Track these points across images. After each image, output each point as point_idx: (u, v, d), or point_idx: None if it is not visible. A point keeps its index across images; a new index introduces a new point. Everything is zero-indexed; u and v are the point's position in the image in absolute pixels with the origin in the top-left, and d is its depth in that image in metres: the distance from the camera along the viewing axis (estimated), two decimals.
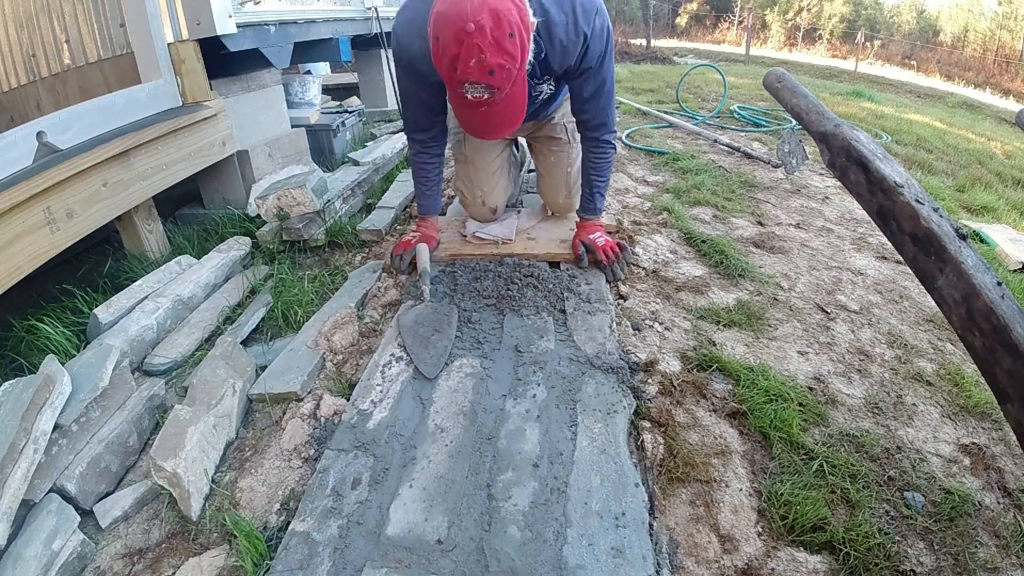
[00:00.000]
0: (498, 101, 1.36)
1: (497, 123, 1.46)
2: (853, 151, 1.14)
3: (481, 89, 1.32)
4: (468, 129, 1.54)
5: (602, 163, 1.90)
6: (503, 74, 1.29)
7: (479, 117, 1.43)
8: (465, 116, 1.46)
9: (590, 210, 1.97)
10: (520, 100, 1.44)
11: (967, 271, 0.89)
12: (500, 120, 1.45)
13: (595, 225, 1.98)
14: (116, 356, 1.40)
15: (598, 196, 1.97)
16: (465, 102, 1.36)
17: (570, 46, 1.56)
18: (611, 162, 1.93)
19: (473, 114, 1.42)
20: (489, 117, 1.42)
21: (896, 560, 1.05)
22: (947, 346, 1.73)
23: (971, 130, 5.99)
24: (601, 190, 1.97)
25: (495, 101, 1.35)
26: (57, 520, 1.07)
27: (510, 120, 1.46)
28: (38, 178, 1.57)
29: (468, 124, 1.50)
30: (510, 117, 1.46)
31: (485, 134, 1.56)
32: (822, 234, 2.46)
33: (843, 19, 20.57)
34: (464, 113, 1.44)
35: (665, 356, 1.56)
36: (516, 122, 1.49)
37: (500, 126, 1.48)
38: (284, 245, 2.21)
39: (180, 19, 2.16)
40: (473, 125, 1.49)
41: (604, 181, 1.96)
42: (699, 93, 5.74)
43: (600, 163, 1.90)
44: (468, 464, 1.17)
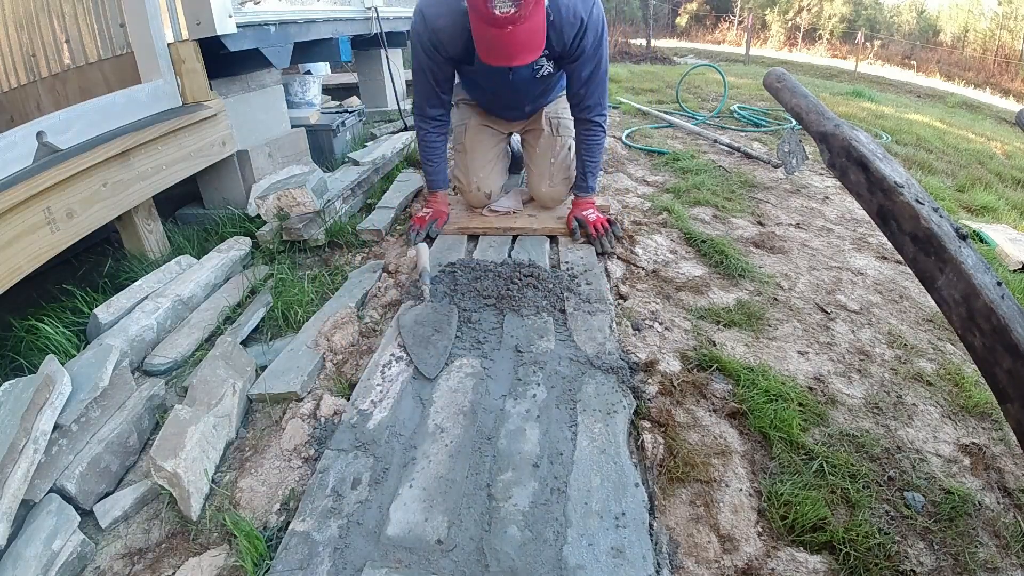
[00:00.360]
0: (523, 17, 1.48)
1: (519, 46, 1.57)
2: (853, 151, 1.14)
3: (509, 2, 1.44)
4: (490, 55, 1.62)
5: (594, 145, 2.07)
6: None
7: (503, 38, 1.53)
8: (490, 38, 1.56)
9: (584, 188, 2.14)
10: (540, 27, 1.57)
11: (967, 271, 0.89)
12: (521, 44, 1.56)
13: (588, 202, 2.15)
14: (116, 356, 1.40)
15: (590, 175, 2.12)
16: (493, 19, 1.48)
17: (567, 27, 1.74)
18: (602, 145, 2.09)
19: (498, 35, 1.52)
20: (513, 38, 1.53)
21: (896, 560, 1.06)
22: (947, 346, 1.73)
23: (971, 130, 5.99)
24: (593, 170, 2.12)
25: (520, 17, 1.47)
26: (57, 520, 1.07)
27: (531, 45, 1.58)
28: (38, 178, 1.56)
29: (491, 48, 1.59)
30: (531, 42, 1.58)
31: (506, 58, 1.61)
32: (822, 234, 2.46)
33: (843, 19, 20.57)
34: (489, 34, 1.54)
35: (665, 356, 1.56)
36: (536, 49, 1.61)
37: (521, 50, 1.58)
38: (284, 245, 2.21)
39: (180, 19, 2.16)
40: (498, 48, 1.58)
41: (596, 162, 2.12)
42: (699, 93, 5.74)
43: (592, 144, 2.07)
44: (468, 464, 1.17)
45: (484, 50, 1.61)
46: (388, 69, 4.11)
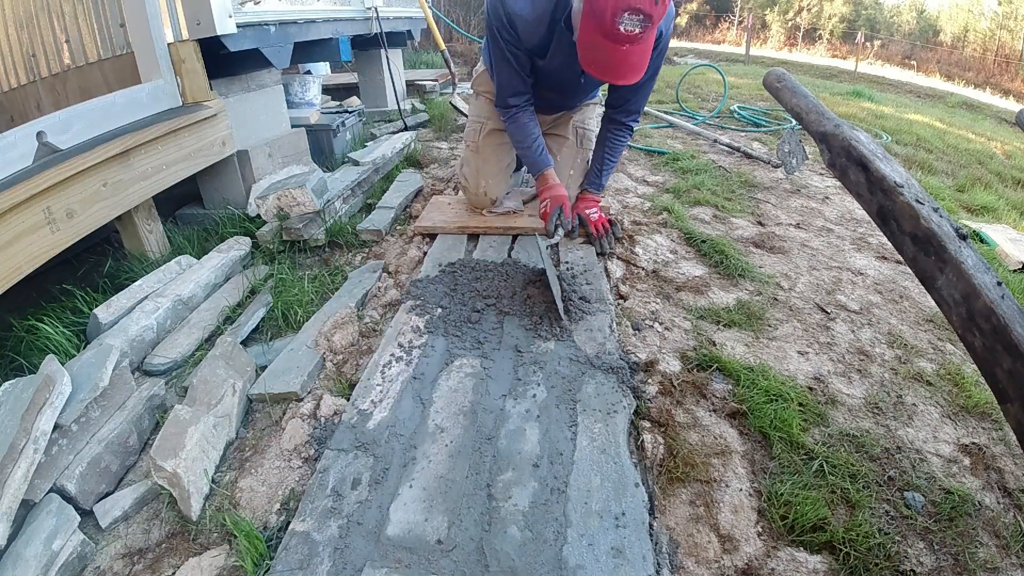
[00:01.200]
0: (645, 38, 1.42)
1: (630, 66, 1.51)
2: (853, 151, 1.14)
3: (637, 21, 1.37)
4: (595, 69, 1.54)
5: (618, 144, 2.06)
6: (661, 8, 1.38)
7: (619, 56, 1.46)
8: (605, 53, 1.48)
9: (595, 184, 2.12)
10: (649, 48, 1.51)
11: (967, 271, 0.89)
12: (633, 64, 1.50)
13: (594, 200, 2.13)
14: (116, 356, 1.40)
15: (606, 173, 2.11)
16: (615, 35, 1.40)
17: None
18: (623, 146, 2.09)
19: (615, 51, 1.45)
20: (629, 56, 1.46)
21: (896, 560, 1.06)
22: (947, 346, 1.73)
23: (971, 130, 5.99)
24: (609, 168, 2.11)
25: (642, 37, 1.41)
26: (57, 520, 1.07)
27: (640, 66, 1.53)
28: (38, 178, 1.56)
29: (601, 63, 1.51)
30: (641, 63, 1.52)
31: (615, 76, 1.54)
32: (822, 234, 2.46)
33: (843, 19, 20.57)
34: (605, 50, 1.46)
35: (665, 356, 1.56)
36: (642, 69, 1.54)
37: (630, 70, 1.52)
38: (284, 245, 2.21)
39: (180, 19, 2.16)
40: (607, 64, 1.51)
41: (614, 162, 2.11)
42: (699, 93, 5.74)
43: (616, 144, 2.06)
44: (468, 464, 1.17)
45: (591, 61, 1.53)
46: (388, 69, 4.11)
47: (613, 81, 1.57)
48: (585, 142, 2.22)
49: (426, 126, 4.23)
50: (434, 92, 5.29)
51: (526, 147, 2.01)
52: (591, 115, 2.24)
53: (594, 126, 2.24)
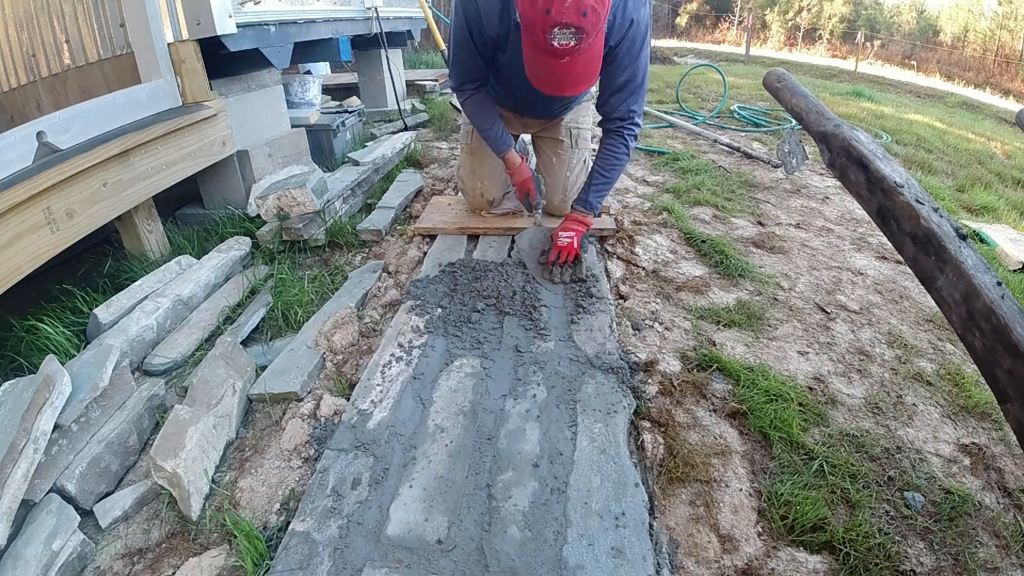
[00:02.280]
0: (582, 50, 1.36)
1: (574, 77, 1.45)
2: (853, 151, 1.14)
3: (569, 35, 1.31)
4: (541, 83, 1.49)
5: (611, 158, 1.86)
6: (594, 18, 1.31)
7: (559, 69, 1.41)
8: (545, 67, 1.43)
9: (581, 202, 1.93)
10: (596, 57, 1.45)
11: (967, 271, 0.89)
12: (577, 75, 1.44)
13: (579, 222, 1.91)
14: (116, 356, 1.40)
15: (594, 191, 1.91)
16: (550, 50, 1.35)
17: (616, 28, 1.57)
18: (622, 163, 1.88)
19: (554, 64, 1.40)
20: (569, 69, 1.41)
21: (896, 560, 1.05)
22: (947, 346, 1.73)
23: (971, 130, 5.99)
24: (600, 186, 1.90)
25: (579, 50, 1.35)
26: (57, 520, 1.07)
27: (585, 76, 1.46)
28: (38, 178, 1.56)
29: (544, 77, 1.47)
30: (586, 74, 1.45)
31: (560, 89, 1.49)
32: (822, 234, 2.46)
33: (843, 19, 20.57)
34: (544, 64, 1.42)
35: (665, 356, 1.56)
36: (590, 79, 1.48)
37: (575, 82, 1.46)
38: (284, 245, 2.21)
39: (180, 19, 2.16)
40: (550, 78, 1.46)
41: (607, 180, 1.90)
42: (699, 93, 5.74)
43: (608, 157, 1.87)
44: (468, 464, 1.17)
45: (533, 75, 1.48)
46: (388, 69, 4.11)
47: (560, 94, 1.51)
48: (580, 142, 2.19)
49: (426, 126, 4.23)
50: (434, 92, 5.29)
51: (486, 128, 1.95)
52: (584, 114, 2.19)
53: (588, 124, 2.21)
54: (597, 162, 1.89)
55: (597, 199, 1.92)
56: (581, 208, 1.92)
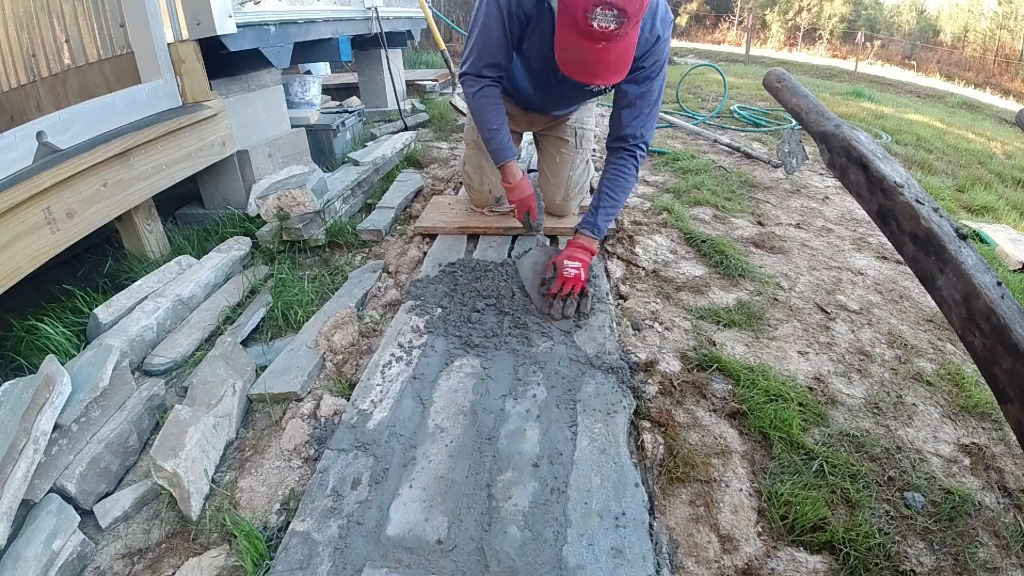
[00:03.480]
0: (620, 36, 1.32)
1: (607, 65, 1.40)
2: (853, 151, 1.14)
3: (611, 17, 1.28)
4: (572, 68, 1.44)
5: (618, 176, 1.75)
6: (637, 3, 1.29)
7: (594, 54, 1.37)
8: (580, 52, 1.38)
9: (589, 226, 1.77)
10: (631, 48, 1.41)
11: (967, 271, 0.89)
12: (610, 63, 1.40)
13: (585, 250, 1.74)
14: (116, 356, 1.40)
15: (602, 214, 1.76)
16: (589, 31, 1.31)
17: (642, 43, 1.54)
18: (629, 183, 1.77)
19: (590, 49, 1.35)
20: (604, 55, 1.37)
21: (896, 560, 1.05)
22: (947, 346, 1.73)
23: (971, 130, 5.99)
24: (609, 209, 1.76)
25: (618, 35, 1.31)
26: (57, 520, 1.07)
27: (619, 65, 1.42)
28: (38, 178, 1.56)
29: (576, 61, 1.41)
30: (619, 62, 1.42)
31: (593, 76, 1.44)
32: (822, 234, 2.46)
33: (843, 19, 20.57)
34: (580, 48, 1.37)
35: (665, 356, 1.56)
36: (623, 70, 1.44)
37: (607, 69, 1.42)
38: (284, 245, 2.21)
39: (180, 19, 2.16)
40: (583, 63, 1.41)
41: (616, 201, 1.76)
42: (699, 93, 5.74)
43: (615, 175, 1.75)
44: (468, 464, 1.17)
45: (565, 60, 1.43)
46: (388, 69, 4.11)
47: (591, 81, 1.46)
48: (584, 142, 2.19)
49: (426, 126, 4.24)
50: (434, 92, 5.29)
51: (493, 128, 1.78)
52: (588, 114, 2.19)
53: (591, 125, 2.21)
54: (606, 184, 1.77)
55: (605, 223, 1.78)
56: (588, 232, 1.76)
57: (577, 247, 1.74)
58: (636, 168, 1.75)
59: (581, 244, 1.75)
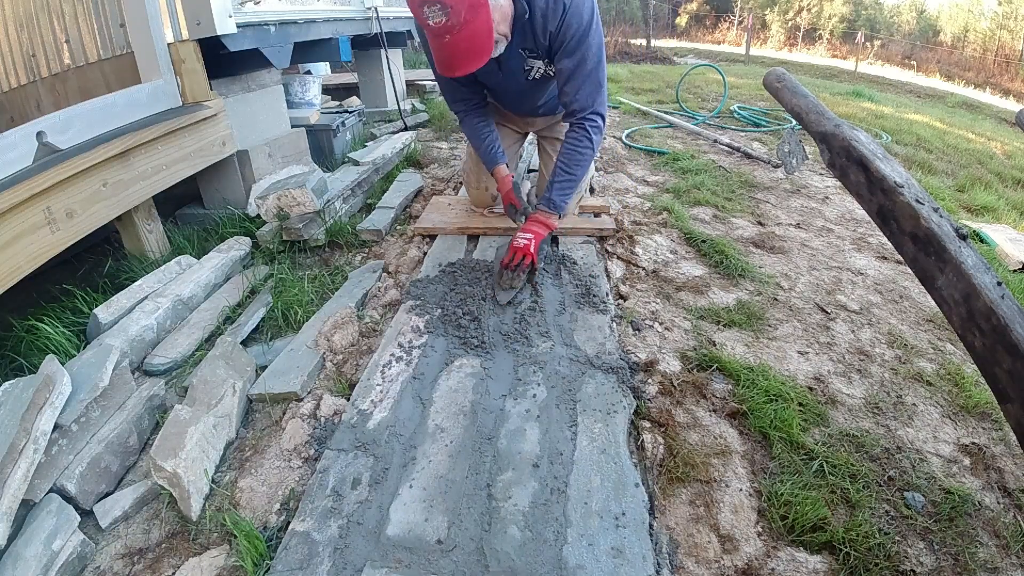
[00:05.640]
0: (458, 26, 1.41)
1: (459, 56, 1.49)
2: (853, 151, 1.14)
3: (438, 11, 1.38)
4: (440, 66, 1.55)
5: (572, 152, 1.78)
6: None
7: (445, 49, 1.47)
8: (435, 49, 1.51)
9: (545, 201, 1.83)
10: (482, 32, 1.48)
11: (967, 271, 0.89)
12: (462, 53, 1.48)
13: (541, 224, 1.82)
14: (116, 356, 1.40)
15: (557, 188, 1.80)
16: (430, 29, 1.43)
17: (549, 12, 1.61)
18: (585, 157, 1.79)
19: (440, 45, 1.47)
20: (454, 47, 1.46)
21: (896, 560, 1.05)
22: (947, 346, 1.73)
23: (971, 130, 5.99)
24: (563, 183, 1.80)
25: (454, 26, 1.41)
26: (57, 520, 1.07)
27: (472, 54, 1.49)
28: (38, 178, 1.56)
29: (437, 58, 1.54)
30: (472, 51, 1.49)
31: (452, 68, 1.52)
32: (822, 234, 2.46)
33: (843, 19, 20.57)
34: (434, 45, 1.50)
35: (665, 356, 1.56)
36: (479, 57, 1.51)
37: (462, 60, 1.50)
38: (284, 245, 2.21)
39: (180, 19, 2.16)
40: (441, 58, 1.52)
41: (571, 176, 1.80)
42: (699, 93, 5.74)
43: (570, 150, 1.78)
44: (468, 464, 1.17)
45: (436, 61, 1.55)
46: (388, 69, 4.11)
47: (453, 74, 1.53)
48: None
49: (426, 126, 4.23)
50: (434, 92, 5.29)
51: (477, 145, 2.03)
52: None
53: None
54: (560, 158, 1.81)
55: (561, 197, 1.82)
56: (544, 207, 1.83)
57: (532, 221, 1.83)
58: (590, 140, 1.78)
59: (536, 218, 1.84)
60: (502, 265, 1.75)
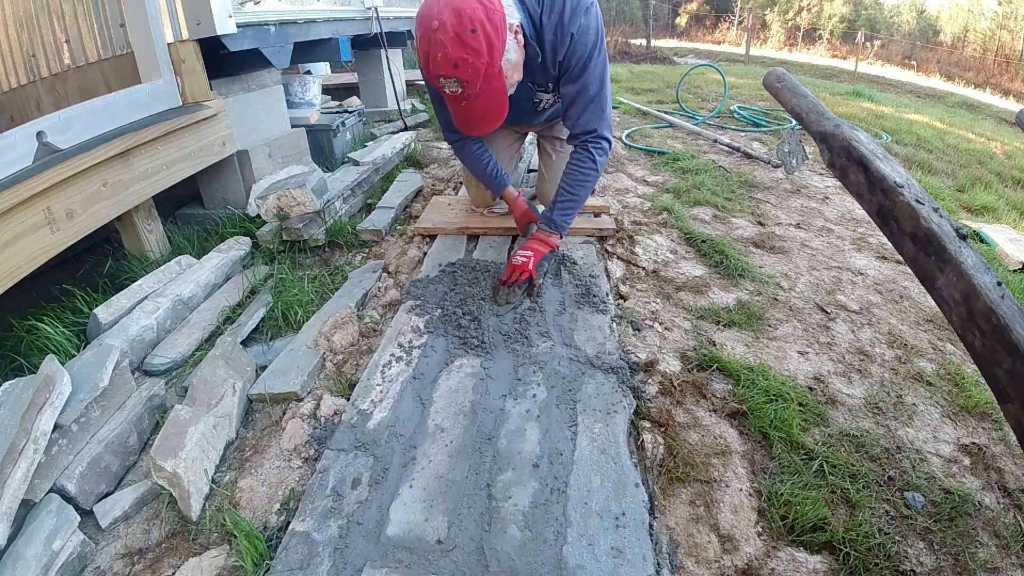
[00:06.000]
0: (474, 95, 1.43)
1: (478, 118, 1.52)
2: (853, 151, 1.14)
3: (454, 83, 1.40)
4: (459, 124, 1.58)
5: (577, 173, 1.76)
6: (468, 68, 1.37)
7: (462, 112, 1.50)
8: (453, 111, 1.53)
9: (545, 220, 1.82)
10: (499, 96, 1.49)
11: (967, 271, 0.89)
12: (481, 115, 1.51)
13: (541, 242, 1.80)
14: (116, 356, 1.40)
15: (559, 209, 1.79)
16: (447, 97, 1.45)
17: (558, 45, 1.61)
18: (589, 179, 1.78)
19: (456, 108, 1.50)
20: (471, 111, 1.49)
21: (896, 560, 1.05)
22: (947, 346, 1.73)
23: (971, 130, 5.99)
24: (565, 204, 1.78)
25: (470, 95, 1.43)
26: (57, 520, 1.07)
27: (491, 116, 1.52)
28: (38, 178, 1.56)
29: (457, 120, 1.56)
30: (491, 113, 1.51)
31: (470, 129, 1.57)
32: (822, 234, 2.46)
33: (843, 19, 20.58)
34: (452, 107, 1.52)
35: (665, 356, 1.56)
36: (498, 118, 1.54)
37: (482, 121, 1.53)
38: (284, 245, 2.21)
39: (180, 19, 2.16)
40: (460, 119, 1.55)
41: (574, 196, 1.78)
42: (699, 93, 5.74)
43: (575, 172, 1.76)
44: (468, 464, 1.17)
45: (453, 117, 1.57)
46: (388, 69, 4.11)
47: (469, 132, 1.59)
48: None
49: (426, 126, 4.23)
50: None
51: (479, 174, 2.00)
52: None
53: None
54: (563, 179, 1.80)
55: (562, 218, 1.81)
56: (545, 227, 1.82)
57: (533, 239, 1.84)
58: (595, 163, 1.78)
59: (538, 236, 1.84)
60: (499, 282, 1.75)
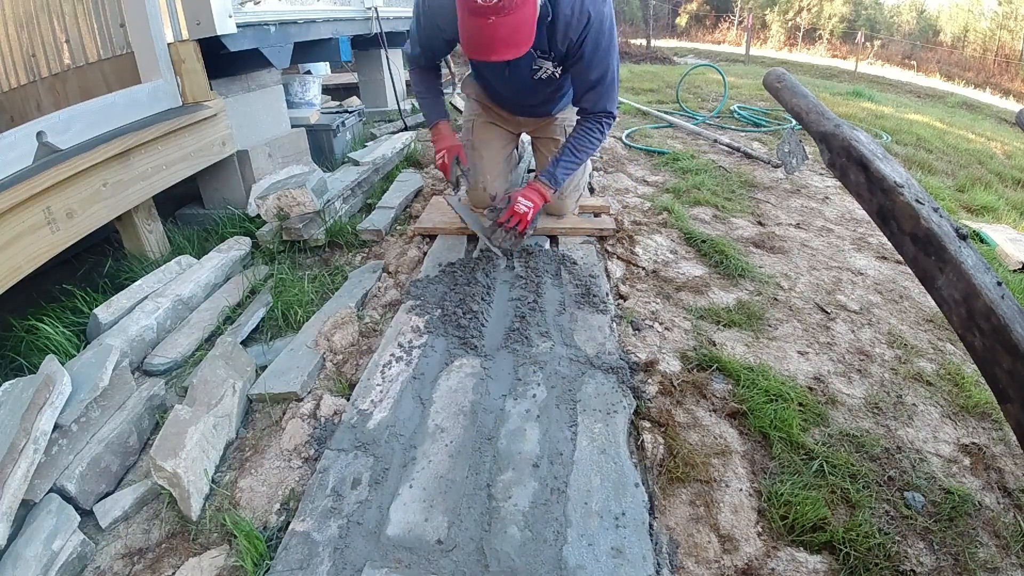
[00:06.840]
0: (507, 9, 1.37)
1: (500, 41, 1.44)
2: (853, 151, 1.14)
3: None
4: (472, 47, 1.50)
5: (584, 139, 1.89)
6: None
7: (487, 30, 1.41)
8: (474, 29, 1.43)
9: (547, 175, 1.93)
10: (526, 22, 1.45)
11: (967, 271, 0.89)
12: (503, 38, 1.44)
13: (539, 194, 1.92)
14: (116, 356, 1.40)
15: (561, 166, 1.92)
16: (475, 8, 1.38)
17: (574, 22, 1.62)
18: (592, 145, 1.91)
19: (481, 25, 1.40)
20: (495, 31, 1.41)
21: (896, 560, 1.05)
22: (947, 346, 1.73)
23: (971, 130, 5.99)
24: (568, 162, 1.92)
25: (504, 8, 1.37)
26: (57, 520, 1.07)
27: (513, 41, 1.46)
28: (38, 178, 1.56)
29: (474, 39, 1.47)
30: (513, 38, 1.45)
31: (488, 52, 1.48)
32: (822, 234, 2.46)
33: (843, 19, 20.58)
34: (473, 25, 1.42)
35: (665, 356, 1.56)
36: (520, 46, 1.48)
37: (501, 45, 1.46)
38: (284, 245, 2.21)
39: (180, 19, 2.16)
40: (479, 41, 1.47)
41: (576, 159, 1.91)
42: (699, 93, 5.74)
43: (583, 137, 1.89)
44: (468, 464, 1.17)
45: (465, 41, 1.49)
46: (388, 69, 4.11)
47: (489, 59, 1.50)
48: None
49: (426, 126, 4.23)
50: None
51: (421, 96, 2.06)
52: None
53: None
54: (570, 140, 1.91)
55: (563, 174, 1.93)
56: (545, 180, 1.93)
57: (533, 190, 1.91)
58: (602, 132, 1.89)
59: (537, 188, 1.91)
60: (497, 223, 1.84)
